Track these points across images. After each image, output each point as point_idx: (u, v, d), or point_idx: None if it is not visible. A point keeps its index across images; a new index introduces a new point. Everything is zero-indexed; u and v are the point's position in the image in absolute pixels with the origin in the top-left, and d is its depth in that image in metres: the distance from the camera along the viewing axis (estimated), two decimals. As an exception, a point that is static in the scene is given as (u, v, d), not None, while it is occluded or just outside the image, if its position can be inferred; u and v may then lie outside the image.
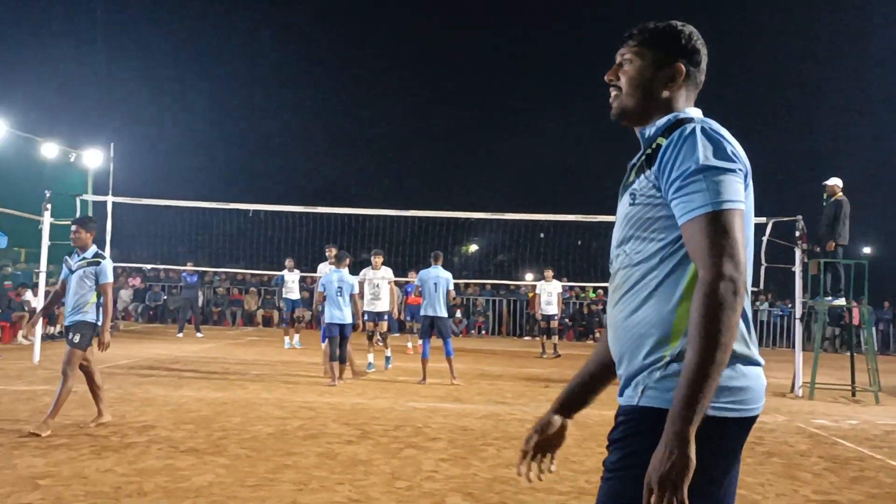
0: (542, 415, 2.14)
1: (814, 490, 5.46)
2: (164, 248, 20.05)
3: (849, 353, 11.93)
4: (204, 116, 37.56)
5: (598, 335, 23.75)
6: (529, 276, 27.47)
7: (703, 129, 1.80)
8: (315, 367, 11.69)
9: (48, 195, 12.42)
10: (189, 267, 17.99)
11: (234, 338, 18.40)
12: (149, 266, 20.82)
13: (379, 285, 12.32)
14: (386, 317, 12.60)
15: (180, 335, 17.72)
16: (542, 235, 19.62)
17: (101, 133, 21.28)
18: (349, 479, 5.19)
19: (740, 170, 1.76)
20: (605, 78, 2.06)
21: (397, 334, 19.34)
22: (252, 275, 23.07)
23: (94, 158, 19.59)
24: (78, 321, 6.67)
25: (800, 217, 11.47)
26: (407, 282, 16.23)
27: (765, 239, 11.71)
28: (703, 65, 2.04)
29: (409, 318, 16.95)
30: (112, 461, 5.43)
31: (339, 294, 10.53)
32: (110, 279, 6.86)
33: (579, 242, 19.35)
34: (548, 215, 15.43)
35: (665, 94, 2.00)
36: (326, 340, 10.77)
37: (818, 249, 11.82)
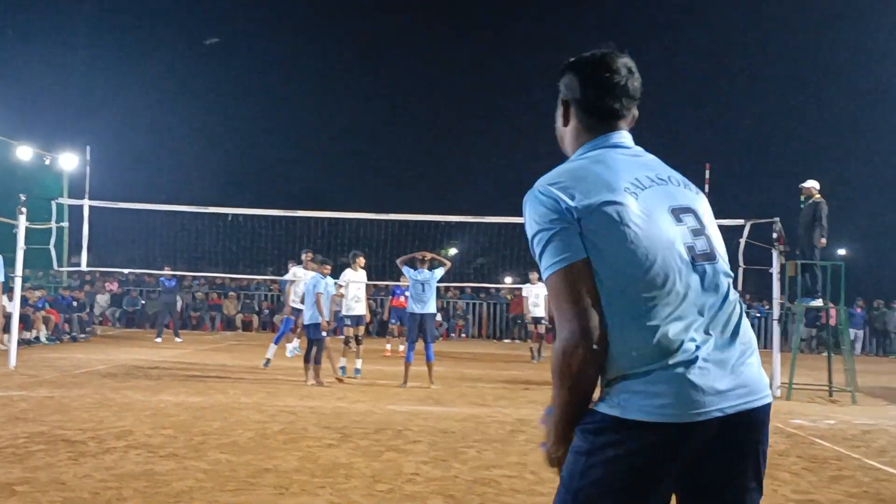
0: None
1: (793, 490, 5.50)
2: (142, 253, 19.86)
3: (826, 354, 12.07)
4: (182, 120, 37.28)
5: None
6: (509, 280, 27.50)
7: (530, 197, 1.92)
8: (296, 371, 11.61)
9: (23, 199, 12.26)
10: (167, 271, 17.83)
11: (214, 342, 18.28)
12: (126, 270, 20.63)
13: (360, 288, 12.28)
14: (363, 321, 12.56)
15: (159, 340, 17.55)
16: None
17: (77, 136, 21.04)
18: (330, 483, 5.17)
19: (564, 225, 1.83)
20: None
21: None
22: (231, 279, 22.94)
23: (69, 161, 19.41)
24: None
25: (777, 219, 11.57)
26: (396, 284, 16.22)
27: (742, 241, 11.81)
28: (594, 94, 2.02)
29: (393, 322, 16.90)
30: (90, 467, 5.37)
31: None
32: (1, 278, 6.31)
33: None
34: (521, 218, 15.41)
35: (564, 132, 2.10)
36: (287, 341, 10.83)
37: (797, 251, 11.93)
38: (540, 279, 16.06)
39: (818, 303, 11.79)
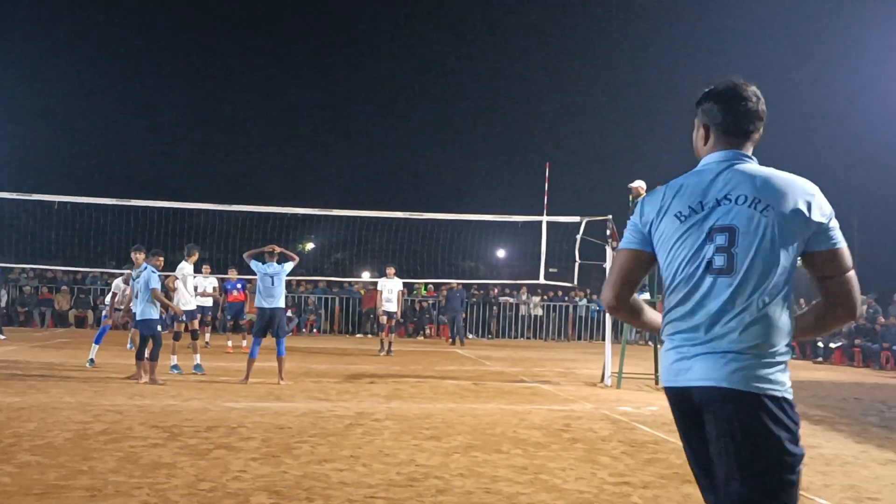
0: None
1: (610, 473, 5.79)
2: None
3: (653, 345, 12.78)
4: (10, 100, 34.73)
5: (428, 331, 24.02)
6: (366, 274, 27.39)
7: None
8: (130, 368, 11.06)
9: None
10: (-11, 263, 16.55)
11: (42, 339, 17.14)
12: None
13: (195, 282, 11.91)
14: (196, 315, 12.22)
15: (-21, 337, 16.30)
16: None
17: None
18: (149, 483, 4.96)
19: (634, 224, 2.54)
20: None
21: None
22: (64, 272, 21.60)
23: None
24: None
25: (610, 216, 12.16)
26: (227, 279, 15.76)
27: (578, 237, 12.33)
28: (733, 119, 2.43)
29: (229, 318, 16.43)
30: None
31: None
32: None
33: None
34: (379, 212, 15.45)
35: (702, 150, 2.52)
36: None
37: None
38: (396, 274, 16.29)
39: (646, 296, 12.45)
